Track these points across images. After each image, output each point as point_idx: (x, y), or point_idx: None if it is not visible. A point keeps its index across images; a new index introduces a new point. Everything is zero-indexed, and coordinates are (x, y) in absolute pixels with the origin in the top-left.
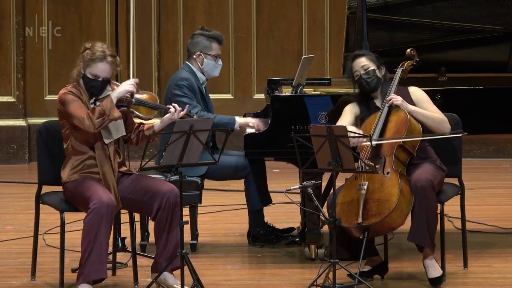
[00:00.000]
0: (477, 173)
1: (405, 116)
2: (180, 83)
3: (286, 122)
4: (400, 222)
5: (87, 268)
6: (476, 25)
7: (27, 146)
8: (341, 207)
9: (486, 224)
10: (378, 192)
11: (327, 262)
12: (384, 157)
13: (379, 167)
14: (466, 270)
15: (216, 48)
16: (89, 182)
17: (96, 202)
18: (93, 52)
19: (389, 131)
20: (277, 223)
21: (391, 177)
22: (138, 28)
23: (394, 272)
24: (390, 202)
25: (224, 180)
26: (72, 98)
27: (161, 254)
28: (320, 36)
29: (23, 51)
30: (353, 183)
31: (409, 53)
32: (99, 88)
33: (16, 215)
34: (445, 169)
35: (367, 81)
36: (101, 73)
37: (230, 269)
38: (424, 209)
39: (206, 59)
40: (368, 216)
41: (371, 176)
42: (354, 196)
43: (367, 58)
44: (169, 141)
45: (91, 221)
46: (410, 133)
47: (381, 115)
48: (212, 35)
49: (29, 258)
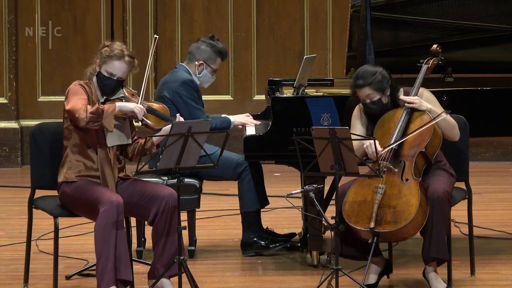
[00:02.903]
0: (484, 177)
1: (429, 119)
2: (189, 83)
3: (287, 124)
4: (413, 233)
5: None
6: (484, 24)
7: (19, 149)
8: (351, 206)
9: (494, 230)
10: (395, 199)
11: (330, 268)
12: (404, 161)
13: (398, 171)
14: (474, 277)
15: (219, 64)
16: (91, 186)
17: (106, 205)
18: (111, 49)
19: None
20: (278, 228)
21: (410, 185)
22: (134, 27)
23: (399, 279)
24: (408, 213)
25: (221, 176)
26: (80, 91)
27: (158, 260)
28: (322, 35)
29: (15, 51)
30: (367, 182)
31: (435, 49)
32: (113, 87)
33: (8, 220)
34: (455, 174)
35: (372, 110)
36: (117, 72)
37: (230, 276)
38: (442, 222)
39: (205, 70)
40: (382, 222)
41: (389, 180)
42: (368, 197)
43: (370, 88)
44: (167, 143)
45: (104, 226)
46: (433, 138)
47: (404, 116)
48: (220, 50)
49: (21, 265)
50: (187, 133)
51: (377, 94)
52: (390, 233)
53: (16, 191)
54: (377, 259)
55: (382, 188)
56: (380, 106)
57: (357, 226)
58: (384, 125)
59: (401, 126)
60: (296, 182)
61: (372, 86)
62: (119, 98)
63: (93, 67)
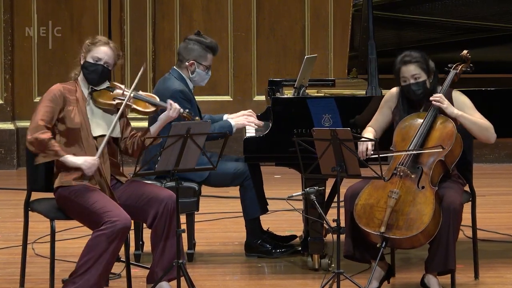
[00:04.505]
0: (488, 179)
1: (452, 129)
2: (177, 96)
3: (288, 126)
4: (424, 242)
5: (81, 282)
6: (488, 23)
7: (15, 150)
8: (363, 207)
9: (498, 233)
10: (409, 206)
11: (331, 272)
12: (422, 168)
13: (415, 177)
14: (477, 281)
15: (210, 59)
16: (96, 195)
17: (115, 220)
18: (95, 38)
19: (431, 141)
20: (279, 231)
21: (426, 194)
22: (132, 26)
23: (402, 283)
24: (421, 222)
25: (222, 186)
26: (51, 100)
27: (157, 263)
28: (323, 34)
29: (11, 50)
30: (381, 184)
31: (465, 55)
32: (100, 73)
33: (4, 223)
34: (464, 182)
35: (415, 92)
36: (103, 55)
37: (229, 280)
38: (454, 235)
39: (198, 69)
40: (393, 228)
41: (404, 185)
42: (381, 200)
43: (418, 67)
44: (165, 145)
45: (103, 237)
46: (454, 148)
47: (426, 121)
48: (209, 45)
49: (17, 269)
50: (186, 135)
51: (424, 75)
52: (400, 240)
53: (11, 193)
54: (381, 263)
55: (397, 193)
56: (423, 89)
57: (367, 229)
58: (406, 128)
59: (422, 133)
60: (297, 184)
61: (419, 64)
62: (105, 88)
63: (78, 69)
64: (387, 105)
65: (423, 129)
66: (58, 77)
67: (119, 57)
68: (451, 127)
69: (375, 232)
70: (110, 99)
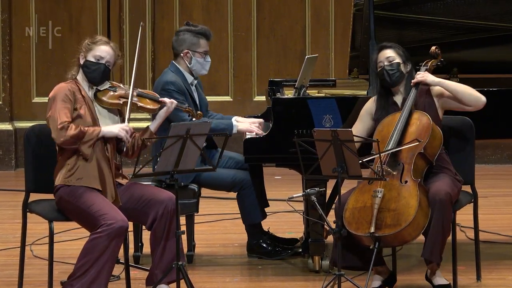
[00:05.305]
0: (491, 180)
1: (427, 121)
2: (167, 87)
3: (288, 126)
4: (415, 236)
5: (79, 285)
6: (490, 23)
7: (13, 151)
8: (351, 213)
9: (501, 234)
10: (394, 202)
11: (332, 274)
12: (402, 163)
13: (397, 173)
14: (479, 283)
15: (204, 45)
16: (94, 197)
17: (111, 222)
18: (94, 38)
19: (409, 137)
20: (279, 233)
21: (409, 187)
22: (131, 26)
23: (403, 284)
24: (407, 215)
25: (217, 190)
26: (64, 98)
27: (157, 265)
28: (324, 34)
29: (9, 50)
30: (367, 188)
31: (434, 51)
32: (101, 72)
33: (2, 224)
34: (462, 180)
35: (389, 74)
36: (105, 54)
37: (229, 282)
38: (441, 225)
39: (194, 57)
40: (382, 226)
41: (388, 183)
42: (367, 202)
43: (393, 51)
44: (164, 146)
45: (99, 239)
46: (431, 140)
47: (402, 118)
48: (199, 31)
49: (15, 270)
50: (186, 135)
51: (398, 58)
52: (391, 236)
53: (10, 194)
54: (381, 268)
55: (380, 191)
56: (398, 72)
57: (358, 233)
58: (384, 129)
59: (399, 129)
60: (297, 186)
61: (395, 50)
62: (108, 88)
63: (75, 69)
64: (367, 113)
65: (400, 126)
66: (57, 77)
67: (119, 57)
68: (426, 120)
69: (365, 235)
70: (115, 98)
